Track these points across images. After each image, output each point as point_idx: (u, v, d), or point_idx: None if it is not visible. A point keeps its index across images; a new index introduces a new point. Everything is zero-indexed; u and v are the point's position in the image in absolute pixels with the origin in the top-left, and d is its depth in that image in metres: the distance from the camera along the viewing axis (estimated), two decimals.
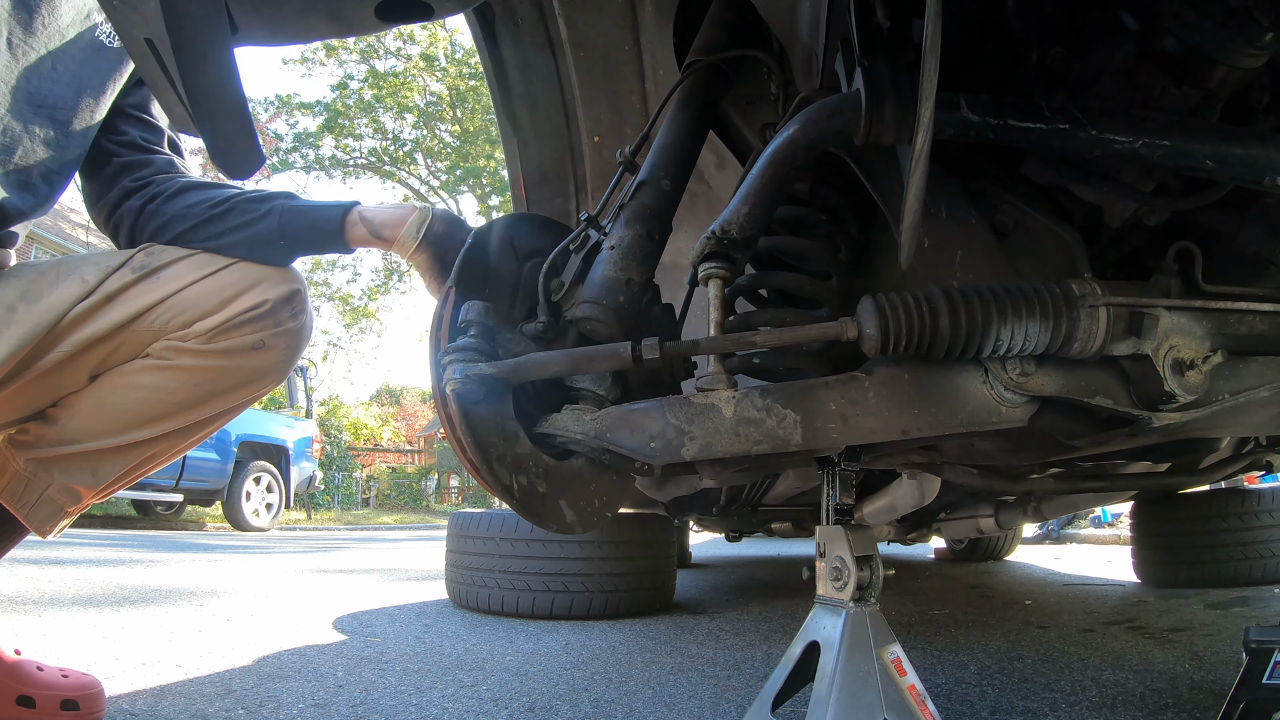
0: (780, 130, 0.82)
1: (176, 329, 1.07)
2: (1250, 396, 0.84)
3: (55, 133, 1.08)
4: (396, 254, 1.21)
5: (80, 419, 1.07)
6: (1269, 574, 2.59)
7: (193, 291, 1.08)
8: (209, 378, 1.09)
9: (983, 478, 1.26)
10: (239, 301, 1.08)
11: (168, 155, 1.23)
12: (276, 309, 1.11)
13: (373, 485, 17.71)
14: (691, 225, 1.28)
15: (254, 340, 1.10)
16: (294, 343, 1.15)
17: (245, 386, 1.14)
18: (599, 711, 1.29)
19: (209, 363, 1.08)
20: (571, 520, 0.94)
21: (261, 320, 1.10)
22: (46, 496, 1.08)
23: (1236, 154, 0.77)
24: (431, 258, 1.18)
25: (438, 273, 1.18)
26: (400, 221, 1.18)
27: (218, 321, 1.07)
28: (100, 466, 1.09)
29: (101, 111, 1.14)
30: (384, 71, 18.12)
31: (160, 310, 1.07)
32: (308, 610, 2.44)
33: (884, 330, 0.78)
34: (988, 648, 1.80)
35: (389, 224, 1.18)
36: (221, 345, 1.08)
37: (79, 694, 1.09)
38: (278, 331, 1.12)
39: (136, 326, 1.07)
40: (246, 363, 1.11)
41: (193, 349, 1.07)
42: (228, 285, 1.09)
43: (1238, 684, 0.92)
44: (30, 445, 1.07)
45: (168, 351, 1.07)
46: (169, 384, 1.08)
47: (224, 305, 1.08)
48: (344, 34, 0.68)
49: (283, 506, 9.24)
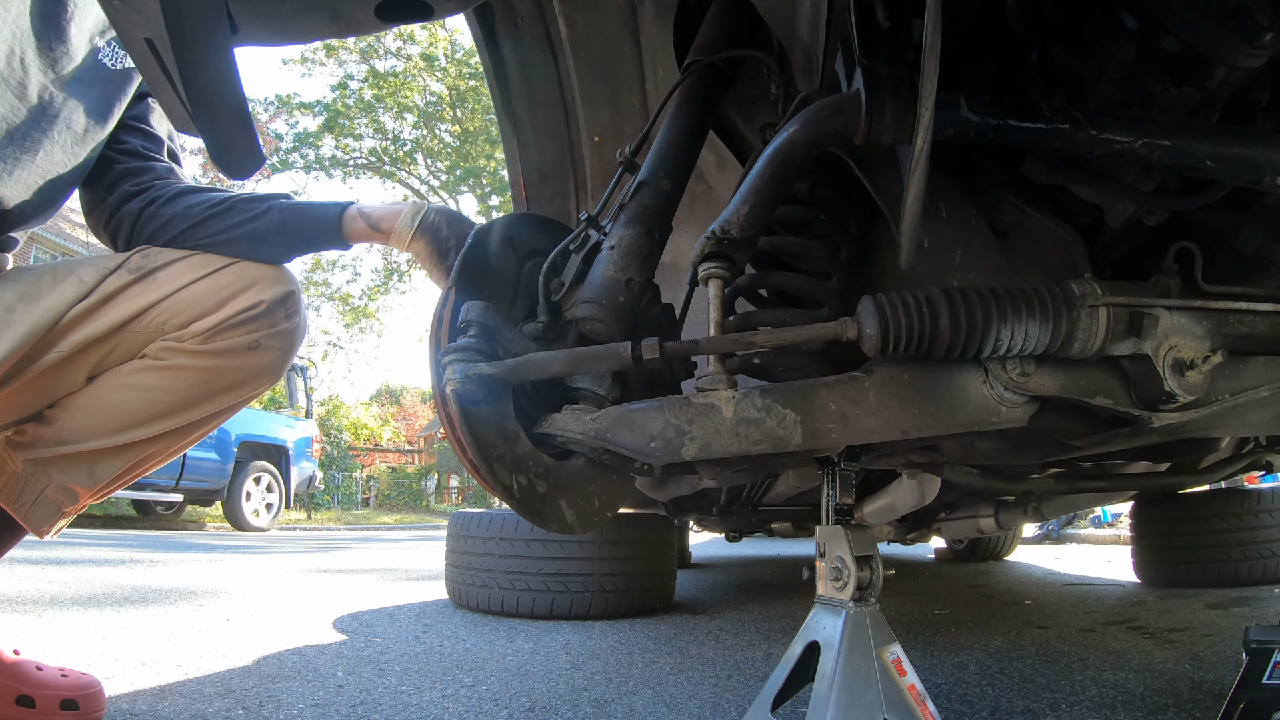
0: (780, 130, 0.82)
1: (173, 330, 1.08)
2: (1250, 396, 0.84)
3: (67, 144, 1.10)
4: (395, 247, 1.24)
5: (77, 419, 1.08)
6: (1269, 574, 2.59)
7: (189, 292, 1.09)
8: (205, 378, 1.10)
9: (983, 478, 1.26)
10: (235, 302, 1.09)
11: (167, 163, 1.25)
12: (272, 310, 1.12)
13: (373, 485, 17.71)
14: (691, 225, 1.28)
15: (249, 341, 1.11)
16: (289, 343, 1.16)
17: (241, 386, 1.15)
18: (599, 711, 1.29)
19: (205, 363, 1.09)
20: (571, 520, 0.94)
21: (257, 321, 1.11)
22: (44, 497, 1.08)
23: (1236, 154, 0.77)
24: (428, 246, 1.21)
25: (436, 261, 1.21)
26: (396, 214, 1.22)
27: (214, 322, 1.08)
28: (97, 467, 1.10)
29: (109, 127, 1.17)
30: (384, 71, 18.13)
31: (157, 311, 1.08)
32: (308, 610, 2.44)
33: (884, 330, 0.78)
34: (988, 648, 1.80)
35: (386, 217, 1.22)
36: (217, 346, 1.09)
37: (78, 693, 1.10)
38: (273, 332, 1.13)
39: (133, 327, 1.08)
40: (242, 363, 1.12)
41: (189, 349, 1.08)
42: (224, 286, 1.10)
43: (1238, 684, 0.92)
44: (28, 446, 1.08)
45: (164, 352, 1.08)
46: (165, 384, 1.09)
47: (220, 306, 1.09)
48: (344, 34, 0.68)
49: (283, 506, 9.24)
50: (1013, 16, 0.88)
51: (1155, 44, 0.77)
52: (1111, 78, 0.82)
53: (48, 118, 1.07)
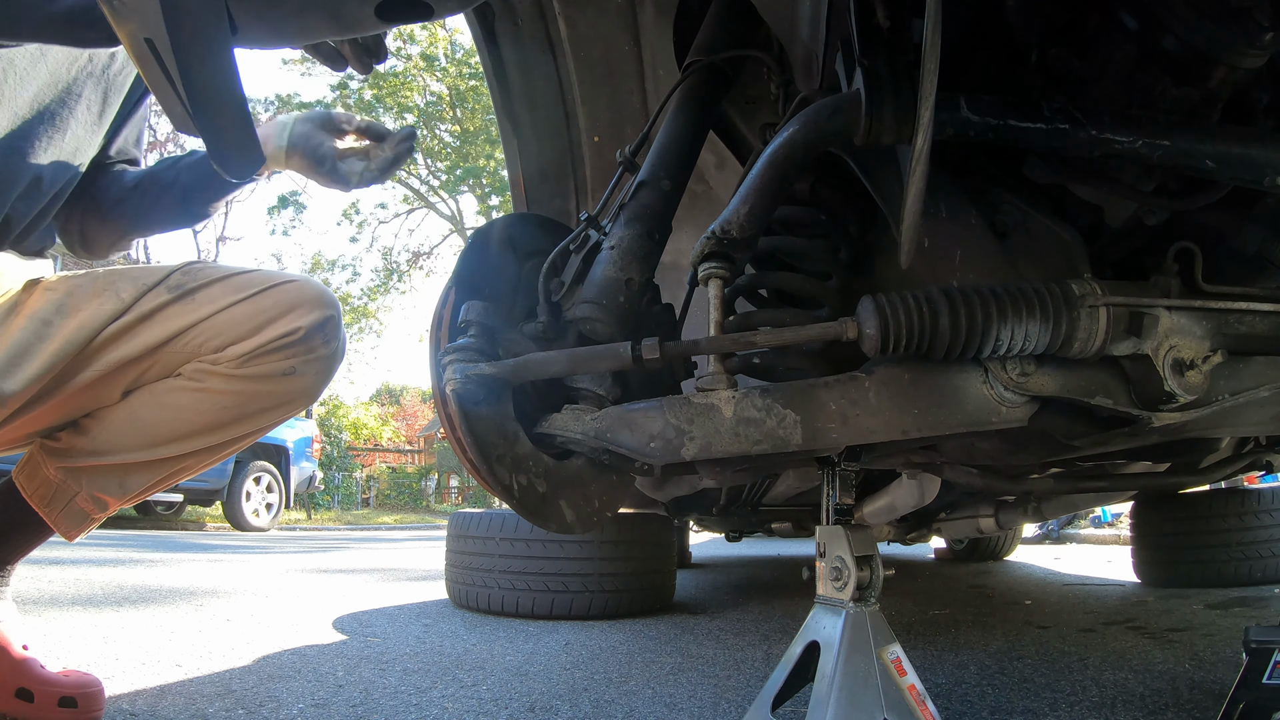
0: (780, 130, 0.82)
1: (209, 352, 1.09)
2: (1250, 396, 0.84)
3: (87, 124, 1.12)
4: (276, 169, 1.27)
5: (111, 432, 1.09)
6: (1269, 574, 2.59)
7: (227, 316, 1.09)
8: (239, 401, 1.10)
9: (983, 478, 1.26)
10: (272, 328, 1.09)
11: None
12: (309, 335, 1.11)
13: (373, 485, 17.70)
14: (691, 225, 1.28)
15: (285, 367, 1.11)
16: (325, 369, 1.16)
17: (274, 410, 1.15)
18: (599, 711, 1.29)
19: (239, 387, 1.09)
20: (571, 520, 0.94)
21: (294, 347, 1.10)
22: (74, 504, 1.10)
23: (1236, 154, 0.77)
24: (304, 159, 1.23)
25: (316, 170, 1.24)
26: (268, 138, 1.23)
27: (250, 347, 1.08)
28: (128, 479, 1.11)
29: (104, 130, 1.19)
30: (384, 71, 18.12)
31: (194, 333, 1.08)
32: (308, 610, 2.44)
33: (884, 330, 0.78)
34: (988, 648, 1.80)
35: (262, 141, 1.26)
36: (253, 371, 1.09)
37: (78, 692, 1.10)
38: (310, 359, 1.13)
39: (170, 348, 1.08)
40: (276, 388, 1.12)
41: (224, 373, 1.08)
42: (262, 311, 1.10)
43: (1238, 684, 0.92)
44: (62, 454, 1.09)
45: (199, 374, 1.09)
46: (199, 405, 1.09)
47: (257, 331, 1.09)
48: (344, 34, 0.68)
49: (283, 506, 9.23)
50: (1013, 16, 0.88)
51: (1155, 44, 0.77)
52: (1111, 78, 0.82)
53: (73, 97, 1.09)
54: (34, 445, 1.13)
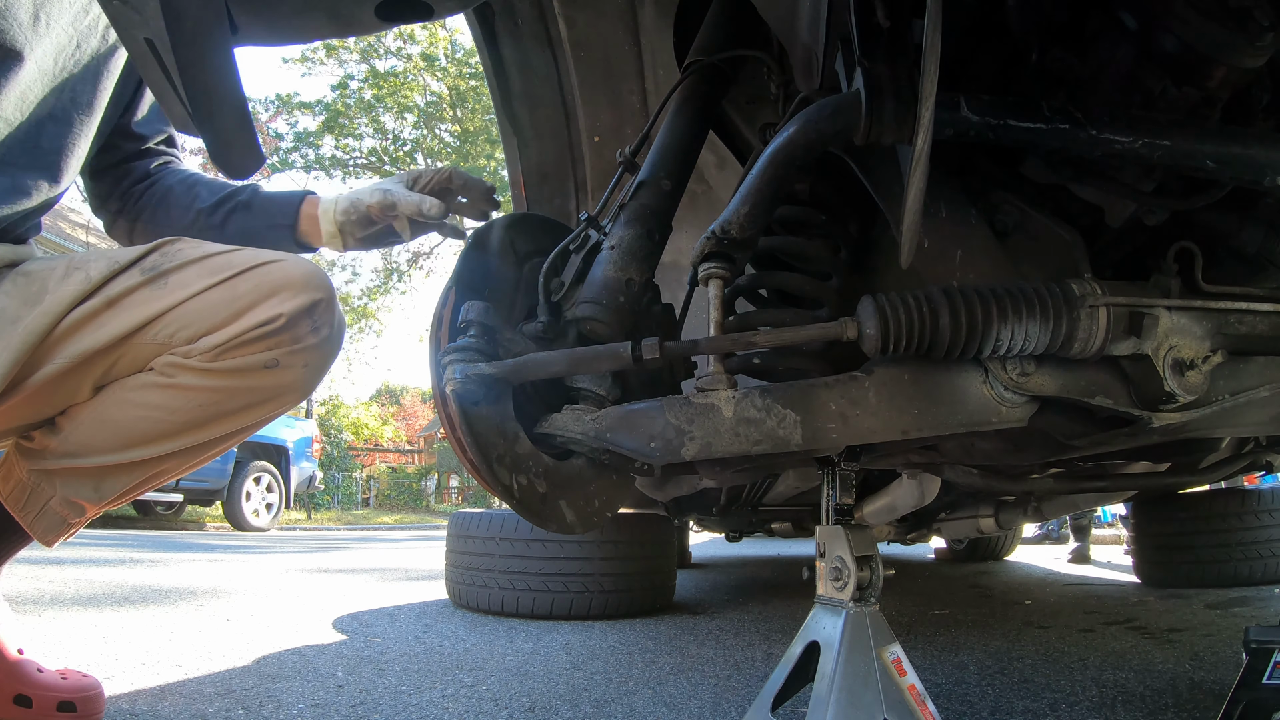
0: (780, 130, 0.82)
1: (181, 344, 0.98)
2: (1250, 396, 0.84)
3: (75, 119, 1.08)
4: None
5: (83, 432, 1.00)
6: (1269, 574, 2.59)
7: (200, 302, 0.98)
8: (215, 399, 0.99)
9: (983, 478, 1.26)
10: (250, 315, 0.97)
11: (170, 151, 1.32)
12: (294, 323, 0.99)
13: (373, 485, 17.71)
14: (691, 225, 1.28)
15: (266, 359, 0.99)
16: (316, 360, 1.04)
17: (258, 407, 1.04)
18: (599, 711, 1.29)
19: (215, 383, 0.98)
20: (571, 520, 0.94)
21: (276, 336, 0.98)
22: (49, 508, 1.03)
23: (1236, 154, 0.77)
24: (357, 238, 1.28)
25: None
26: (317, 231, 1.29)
27: (225, 338, 0.97)
28: (104, 483, 1.03)
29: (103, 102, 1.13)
30: (384, 71, 18.12)
31: (164, 322, 0.98)
32: (308, 610, 2.44)
33: (884, 330, 0.78)
34: (988, 648, 1.80)
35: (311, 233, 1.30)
36: (229, 364, 0.98)
37: (77, 696, 1.09)
38: (295, 349, 1.01)
39: (139, 339, 0.98)
40: (258, 383, 1.00)
41: (196, 367, 0.97)
42: (240, 296, 0.98)
43: (1238, 684, 0.92)
44: (35, 455, 1.02)
45: (170, 368, 0.98)
46: (171, 403, 0.99)
47: (233, 319, 0.97)
48: (344, 34, 0.68)
49: (283, 506, 9.23)
50: (1013, 16, 0.88)
51: (1155, 44, 0.77)
52: (1111, 78, 0.82)
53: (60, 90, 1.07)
54: (9, 445, 1.05)
